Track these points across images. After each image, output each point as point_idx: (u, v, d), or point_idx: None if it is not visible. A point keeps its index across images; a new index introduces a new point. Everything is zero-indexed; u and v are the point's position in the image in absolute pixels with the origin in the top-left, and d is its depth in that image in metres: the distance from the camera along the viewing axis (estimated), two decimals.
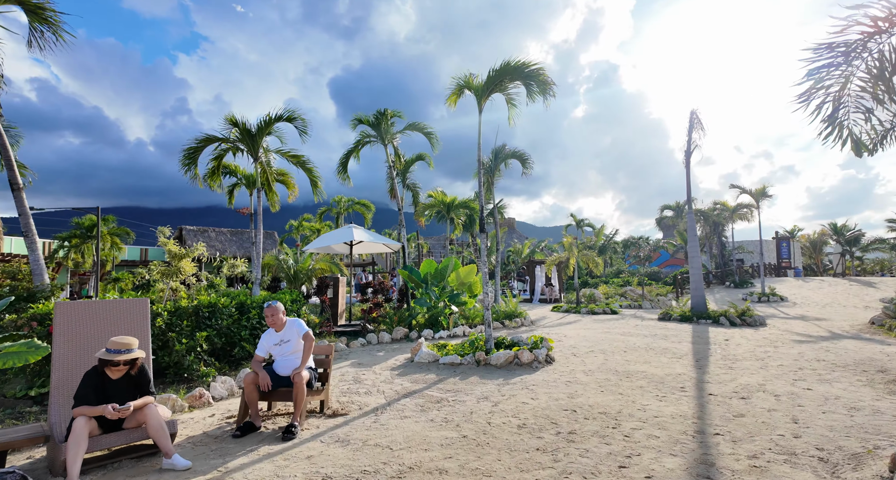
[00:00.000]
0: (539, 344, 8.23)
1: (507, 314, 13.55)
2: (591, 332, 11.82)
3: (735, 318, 13.32)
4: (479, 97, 8.45)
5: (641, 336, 11.12)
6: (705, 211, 29.27)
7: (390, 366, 7.74)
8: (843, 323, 13.52)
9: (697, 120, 15.01)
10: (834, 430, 4.43)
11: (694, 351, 8.99)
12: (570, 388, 6.22)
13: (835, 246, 44.17)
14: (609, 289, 25.61)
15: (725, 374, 6.99)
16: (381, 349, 9.69)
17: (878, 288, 22.44)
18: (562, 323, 14.24)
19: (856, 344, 9.57)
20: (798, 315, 16.07)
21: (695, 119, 15.04)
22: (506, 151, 15.03)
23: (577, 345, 9.75)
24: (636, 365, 7.67)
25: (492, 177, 14.97)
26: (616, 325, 13.40)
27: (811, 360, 7.89)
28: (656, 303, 21.21)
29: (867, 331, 11.54)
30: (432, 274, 12.15)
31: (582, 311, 17.38)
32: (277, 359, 4.74)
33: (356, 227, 12.27)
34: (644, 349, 9.27)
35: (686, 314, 14.27)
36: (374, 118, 12.37)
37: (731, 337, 10.90)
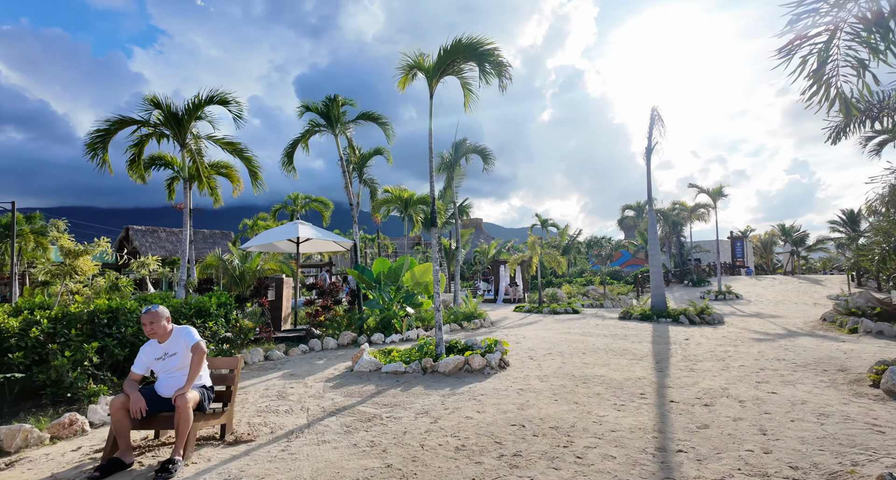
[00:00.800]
0: (493, 348, 7.57)
1: (466, 315, 12.88)
2: (551, 333, 11.30)
3: (694, 317, 13.15)
4: (431, 79, 7.72)
5: (601, 336, 10.68)
6: (665, 211, 29.68)
7: (326, 377, 6.88)
8: (796, 320, 13.61)
9: (658, 117, 14.85)
10: (806, 443, 3.94)
11: (654, 352, 8.57)
12: (521, 397, 5.57)
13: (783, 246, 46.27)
14: (572, 289, 25.46)
15: (687, 377, 6.52)
16: (322, 356, 8.79)
17: (824, 285, 23.23)
18: (522, 324, 13.70)
19: (812, 341, 9.42)
20: (754, 312, 16.19)
21: (655, 116, 14.87)
22: (466, 146, 14.40)
23: (535, 347, 9.17)
24: (594, 369, 7.12)
25: (452, 171, 14.30)
26: (577, 325, 12.97)
27: (772, 360, 7.58)
28: (617, 302, 21.12)
29: (820, 328, 11.54)
30: (386, 273, 11.33)
31: (544, 311, 16.95)
32: (160, 377, 3.84)
33: (303, 224, 11.31)
34: (604, 350, 8.78)
35: (646, 313, 14.03)
36: (324, 105, 11.43)
37: (691, 336, 10.62)
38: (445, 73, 7.69)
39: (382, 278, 11.21)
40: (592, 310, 18.26)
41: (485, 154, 14.51)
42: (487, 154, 14.48)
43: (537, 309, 17.19)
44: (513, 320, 15.01)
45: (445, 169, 14.39)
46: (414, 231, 15.92)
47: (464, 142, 14.27)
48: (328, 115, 11.54)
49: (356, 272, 10.94)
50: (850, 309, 11.30)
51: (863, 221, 38.55)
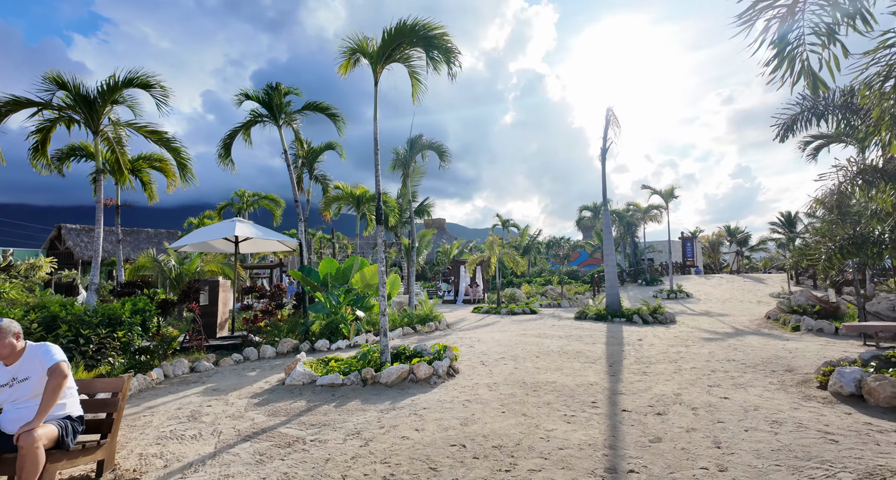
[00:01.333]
0: (441, 355, 7.06)
1: (420, 318, 12.33)
2: (507, 335, 10.95)
3: (647, 316, 13.20)
4: (375, 64, 7.13)
5: (556, 337, 10.43)
6: (620, 212, 30.30)
7: (253, 392, 6.14)
8: (743, 318, 13.94)
9: (613, 118, 14.87)
10: (761, 457, 3.66)
11: (608, 354, 8.34)
12: (466, 410, 5.08)
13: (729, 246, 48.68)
14: (531, 289, 25.45)
15: (640, 382, 6.26)
16: (257, 367, 7.99)
17: (767, 283, 24.33)
18: (479, 326, 13.31)
19: (759, 340, 9.52)
20: (703, 311, 16.56)
21: (610, 117, 14.88)
22: (422, 142, 13.87)
23: (488, 351, 8.75)
24: (547, 374, 6.76)
25: (407, 168, 13.71)
26: (533, 326, 12.71)
27: (722, 361, 7.48)
28: (574, 302, 21.20)
29: (765, 326, 11.81)
30: (333, 275, 10.60)
31: (502, 312, 16.67)
32: (6, 408, 3.07)
33: (241, 221, 10.40)
34: (558, 353, 8.47)
35: (601, 313, 13.99)
36: (265, 94, 10.55)
37: (645, 336, 10.55)
38: (391, 58, 7.12)
39: (330, 280, 10.48)
40: (550, 310, 18.17)
41: (441, 151, 14.03)
42: (444, 151, 14.01)
43: (496, 310, 16.89)
44: (470, 322, 14.60)
45: (400, 165, 13.79)
46: (368, 230, 15.21)
47: (419, 139, 13.73)
48: (270, 105, 10.68)
49: (299, 273, 10.16)
50: (793, 308, 11.60)
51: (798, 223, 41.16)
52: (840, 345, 8.57)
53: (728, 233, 49.08)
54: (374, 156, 7.24)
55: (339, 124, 11.90)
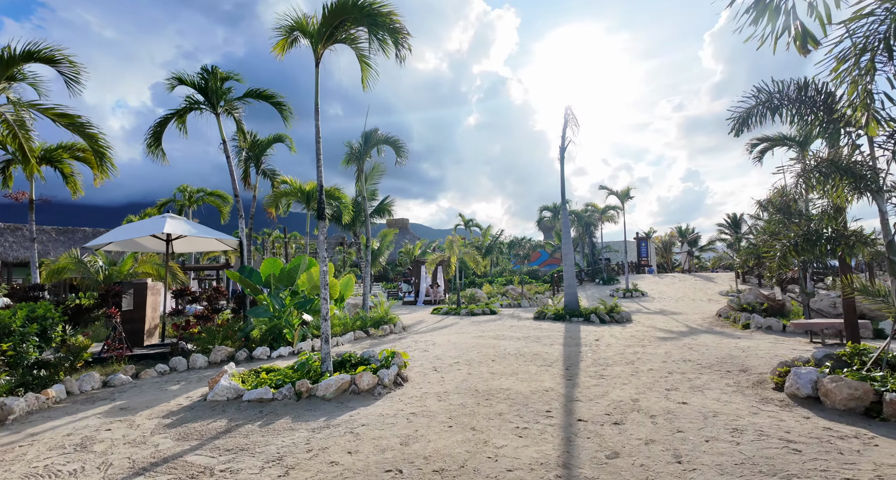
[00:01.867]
0: (389, 362, 6.49)
1: (374, 321, 11.68)
2: (464, 337, 10.50)
3: (605, 315, 13.13)
4: (316, 44, 6.47)
5: (514, 339, 10.07)
6: (579, 212, 30.68)
7: (169, 410, 5.35)
8: (695, 316, 14.15)
9: (571, 116, 14.76)
10: (725, 472, 3.33)
11: (565, 356, 8.03)
12: (410, 426, 4.54)
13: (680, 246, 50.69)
14: (492, 289, 25.24)
15: (596, 386, 5.93)
16: (183, 378, 7.13)
17: (716, 282, 25.23)
18: (437, 328, 12.80)
19: (713, 339, 9.51)
20: (658, 309, 16.78)
21: (569, 115, 14.77)
22: (378, 136, 13.21)
23: (442, 356, 8.25)
24: (502, 380, 6.33)
25: (361, 163, 13.01)
26: (492, 327, 12.34)
27: (678, 361, 7.31)
28: (534, 301, 21.12)
29: (717, 324, 11.96)
30: (277, 276, 9.78)
31: (462, 313, 16.25)
32: None
33: (173, 217, 9.42)
34: (514, 356, 8.08)
35: (560, 312, 13.82)
36: (200, 78, 9.59)
37: (602, 336, 10.37)
38: (334, 38, 6.48)
39: (273, 281, 9.66)
40: (510, 310, 17.93)
41: (397, 146, 13.42)
42: (400, 146, 13.40)
43: (455, 311, 16.44)
44: (428, 324, 14.07)
45: (354, 160, 13.08)
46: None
47: (375, 133, 13.06)
48: (206, 90, 9.72)
49: (236, 275, 9.28)
50: (742, 306, 11.80)
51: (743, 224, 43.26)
52: (788, 343, 8.65)
53: (679, 233, 51.11)
54: (316, 145, 6.58)
55: (285, 114, 11.07)
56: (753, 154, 18.02)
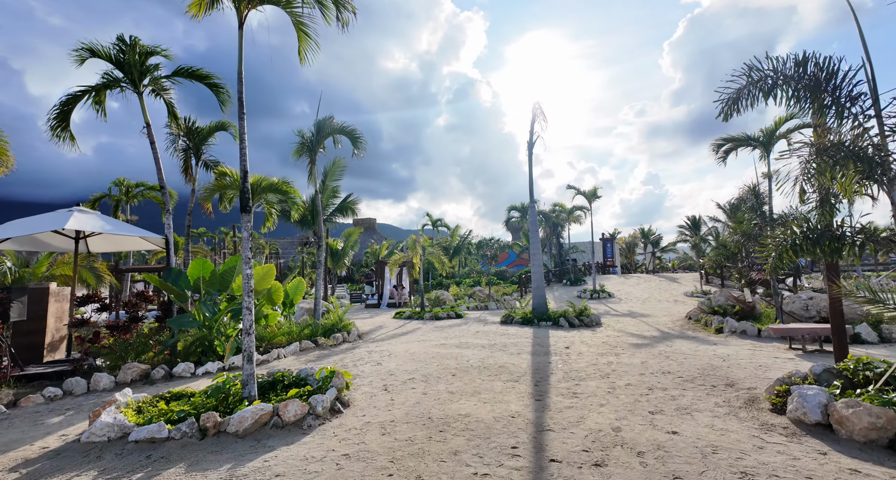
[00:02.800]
0: (326, 384, 5.40)
1: (326, 329, 10.48)
2: (425, 346, 9.48)
3: (574, 319, 12.42)
4: (239, 3, 5.30)
5: (479, 347, 9.15)
6: (546, 212, 30.28)
7: (22, 459, 4.07)
8: (665, 318, 13.68)
9: (540, 111, 14.03)
10: None
11: (533, 368, 7.14)
12: (339, 475, 3.49)
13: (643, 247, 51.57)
14: (459, 290, 24.35)
15: (570, 408, 5.04)
16: (75, 406, 5.78)
17: (680, 283, 25.27)
18: (396, 335, 11.72)
19: (688, 346, 8.88)
20: (626, 311, 16.31)
21: (537, 111, 14.04)
22: (332, 125, 12.00)
23: (396, 370, 7.20)
24: (462, 401, 5.36)
25: (314, 154, 11.77)
26: (456, 333, 11.38)
27: (657, 374, 6.55)
28: (502, 303, 20.36)
29: (688, 327, 11.45)
30: (207, 279, 8.46)
31: (425, 317, 15.22)
32: None
33: (83, 211, 7.96)
34: (478, 369, 7.14)
35: (528, 316, 13.02)
36: (117, 50, 8.14)
37: (572, 342, 9.59)
38: None
39: (203, 286, 8.32)
40: (477, 313, 17.05)
41: (354, 136, 12.25)
42: (357, 136, 12.24)
43: (418, 315, 15.40)
44: (388, 329, 12.97)
45: (307, 151, 11.82)
46: (267, 226, 13.02)
47: (329, 121, 11.85)
48: (123, 65, 8.28)
49: (156, 279, 7.89)
50: (714, 308, 11.33)
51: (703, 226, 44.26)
52: (767, 350, 8.10)
53: (642, 234, 52.04)
54: (239, 122, 5.41)
55: (222, 97, 9.75)
56: (719, 154, 17.92)
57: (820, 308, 9.51)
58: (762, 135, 16.50)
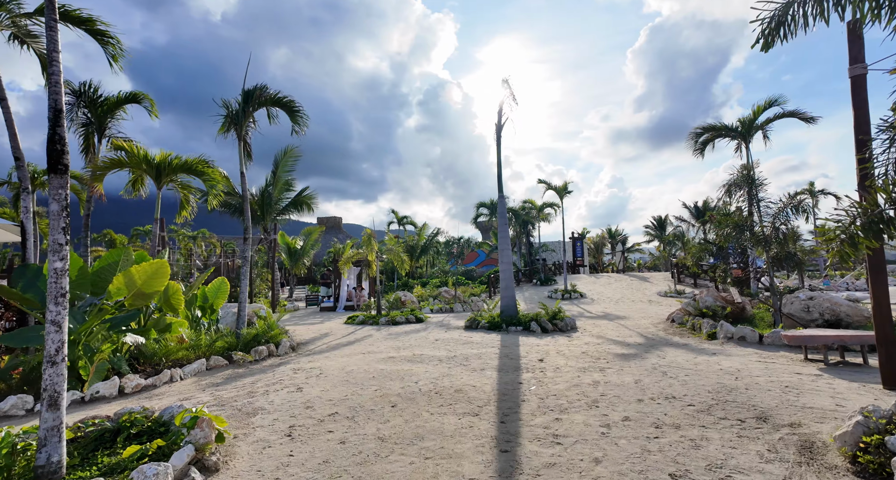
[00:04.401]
0: (179, 440, 3.47)
1: (247, 340, 8.44)
2: (369, 360, 7.63)
3: (547, 323, 10.83)
4: None
5: (435, 361, 7.38)
6: (516, 209, 28.93)
7: None
8: (644, 321, 12.32)
9: (509, 91, 12.43)
10: None
11: (500, 393, 5.42)
12: None
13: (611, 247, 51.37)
14: (424, 291, 22.53)
15: (552, 467, 3.32)
16: None
17: (651, 282, 24.34)
18: (341, 344, 9.80)
19: (683, 355, 7.38)
20: (601, 312, 14.94)
21: (506, 89, 12.42)
22: (265, 94, 9.89)
23: (318, 400, 5.33)
24: (392, 458, 3.56)
25: (241, 130, 9.67)
26: (412, 342, 9.58)
27: (659, 399, 4.95)
28: (468, 305, 18.69)
29: (673, 332, 10.06)
30: (75, 279, 6.31)
31: (381, 322, 13.33)
32: None
33: None
34: (427, 395, 5.37)
35: (495, 320, 11.36)
36: None
37: (547, 353, 7.95)
38: None
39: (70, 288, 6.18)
40: (440, 317, 15.29)
41: (292, 109, 10.20)
42: (296, 109, 10.20)
43: (373, 320, 13.48)
44: (334, 337, 11.01)
45: (232, 125, 9.72)
46: (182, 215, 10.79)
47: (260, 90, 9.74)
48: None
49: None
50: (702, 310, 9.98)
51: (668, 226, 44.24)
52: (780, 362, 6.68)
53: (609, 235, 51.85)
54: (48, 32, 3.40)
55: (110, 50, 7.59)
56: (696, 146, 16.86)
57: (823, 309, 8.27)
58: (740, 126, 15.53)
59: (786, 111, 14.16)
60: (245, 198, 9.45)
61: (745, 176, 8.89)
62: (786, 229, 8.15)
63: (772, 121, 14.55)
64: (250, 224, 9.49)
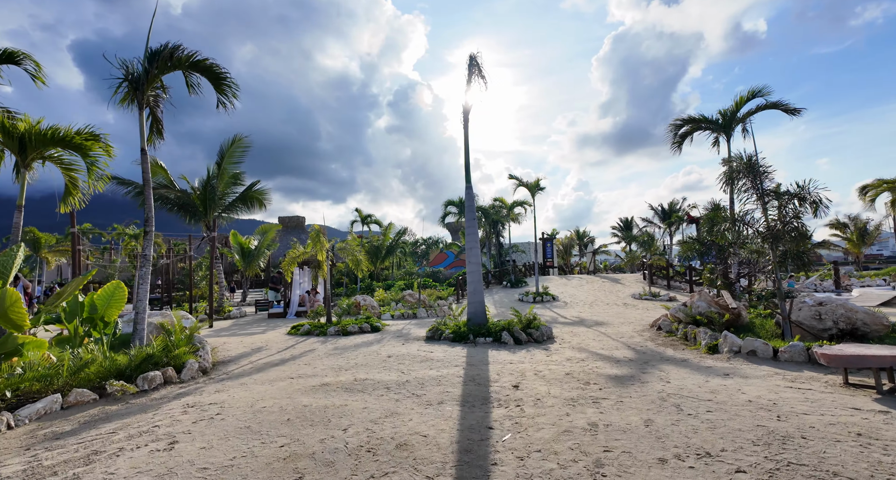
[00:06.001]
0: None
1: (137, 363, 6.39)
2: (292, 389, 5.79)
3: (520, 333, 9.27)
4: None
5: (381, 389, 5.63)
6: (486, 208, 27.51)
7: None
8: (625, 327, 10.97)
9: (477, 66, 10.84)
10: None
11: (460, 452, 3.73)
12: None
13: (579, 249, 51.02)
14: (387, 295, 20.65)
15: None
16: None
17: (623, 284, 23.37)
18: (269, 364, 7.87)
19: (691, 378, 5.92)
20: (576, 317, 13.57)
21: (474, 65, 10.84)
22: (179, 55, 7.81)
23: (183, 469, 3.48)
24: None
25: (144, 98, 7.53)
26: (359, 359, 7.78)
27: (690, 459, 3.38)
28: (434, 310, 16.98)
29: (662, 342, 8.70)
30: None
31: (330, 331, 11.41)
32: None
33: None
34: (355, 454, 3.62)
35: (461, 330, 9.70)
36: None
37: (523, 375, 6.33)
38: None
39: None
40: (401, 324, 13.52)
41: (217, 75, 8.17)
42: (222, 76, 8.16)
43: (320, 330, 11.54)
44: (268, 353, 9.05)
45: (133, 91, 7.59)
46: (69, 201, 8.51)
47: (175, 50, 7.68)
48: None
49: None
50: (695, 317, 8.66)
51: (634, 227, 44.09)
52: (816, 387, 5.30)
53: (577, 236, 51.50)
54: None
55: None
56: (675, 139, 15.82)
57: (837, 317, 7.07)
58: (721, 118, 14.57)
59: (769, 102, 13.28)
60: (146, 182, 7.38)
61: (748, 164, 7.62)
62: (798, 223, 6.91)
63: (754, 113, 13.64)
64: (152, 214, 7.41)
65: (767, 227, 7.40)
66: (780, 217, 7.07)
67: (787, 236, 6.92)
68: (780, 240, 7.12)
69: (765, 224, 7.44)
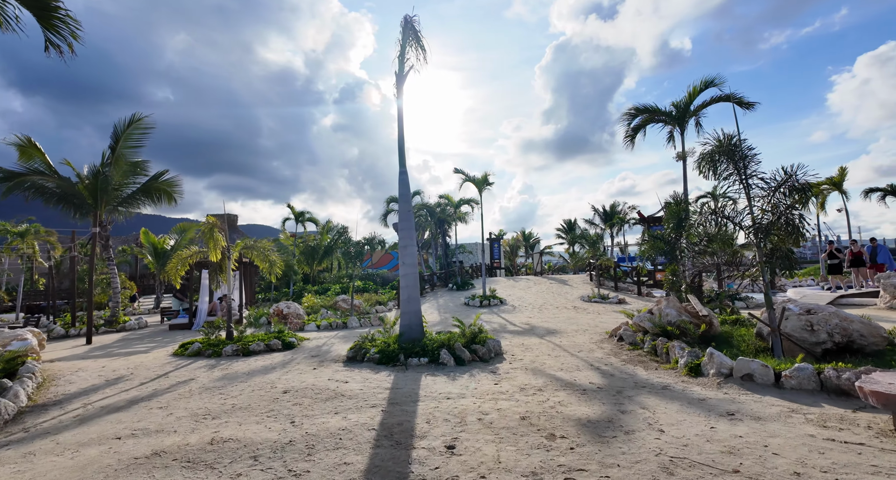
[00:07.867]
0: None
1: None
2: (105, 462, 3.56)
3: (463, 351, 7.47)
4: None
5: (240, 465, 3.54)
6: (431, 206, 25.72)
7: None
8: (582, 337, 9.53)
9: (413, 30, 8.95)
10: None
11: None
12: None
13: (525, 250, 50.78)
14: (317, 300, 18.20)
15: None
16: None
17: (571, 285, 22.46)
18: (113, 408, 5.46)
19: (687, 420, 4.33)
20: (526, 324, 12.05)
21: (409, 28, 8.93)
22: None
23: None
24: None
25: None
26: (242, 397, 5.59)
27: None
28: (369, 318, 14.85)
29: (631, 358, 7.25)
30: None
31: (225, 351, 8.98)
32: None
33: None
34: None
35: (390, 348, 7.73)
36: None
37: (463, 421, 4.48)
38: None
39: None
40: (326, 336, 11.31)
41: (42, 4, 5.65)
42: (47, 2, 5.66)
43: (214, 349, 9.07)
44: (128, 385, 6.56)
45: None
46: None
47: None
48: None
49: None
50: (665, 327, 7.30)
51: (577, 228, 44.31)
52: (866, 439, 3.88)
53: (524, 237, 51.26)
54: None
55: None
56: (627, 132, 14.82)
57: (831, 328, 5.92)
58: (675, 110, 13.73)
59: (723, 94, 12.57)
60: None
61: (729, 145, 6.32)
62: (794, 215, 5.65)
63: (708, 105, 12.90)
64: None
65: (753, 221, 6.12)
66: (772, 208, 5.78)
67: (781, 230, 5.65)
68: (769, 234, 5.85)
69: (750, 217, 6.16)
